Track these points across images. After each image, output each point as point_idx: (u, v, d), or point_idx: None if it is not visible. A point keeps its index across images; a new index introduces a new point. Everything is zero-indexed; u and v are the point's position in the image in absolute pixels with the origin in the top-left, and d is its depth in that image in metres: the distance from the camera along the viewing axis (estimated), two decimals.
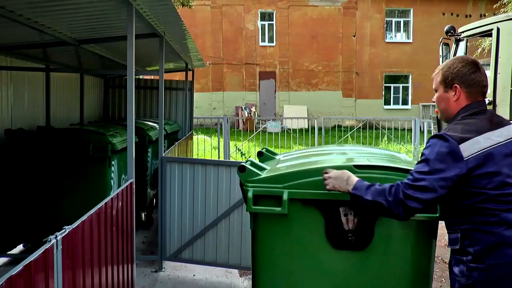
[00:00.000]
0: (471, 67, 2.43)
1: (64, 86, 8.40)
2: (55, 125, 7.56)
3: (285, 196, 2.85)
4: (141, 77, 11.10)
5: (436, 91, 2.56)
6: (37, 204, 5.84)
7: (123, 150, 6.00)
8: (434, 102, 2.62)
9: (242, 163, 3.07)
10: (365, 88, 28.22)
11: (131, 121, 4.13)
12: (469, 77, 2.42)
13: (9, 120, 6.34)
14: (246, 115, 25.61)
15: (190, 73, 10.73)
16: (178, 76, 12.90)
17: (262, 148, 3.81)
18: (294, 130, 15.94)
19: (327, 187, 2.66)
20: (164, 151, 6.04)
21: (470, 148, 2.26)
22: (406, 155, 3.74)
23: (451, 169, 2.26)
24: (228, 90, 27.98)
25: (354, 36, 28.08)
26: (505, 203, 2.24)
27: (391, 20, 28.57)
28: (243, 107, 26.40)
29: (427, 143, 2.41)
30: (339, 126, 18.37)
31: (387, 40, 28.57)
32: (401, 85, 28.36)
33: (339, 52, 28.09)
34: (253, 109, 26.80)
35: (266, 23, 28.19)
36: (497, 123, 2.40)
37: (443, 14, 27.62)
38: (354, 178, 2.57)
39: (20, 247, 6.57)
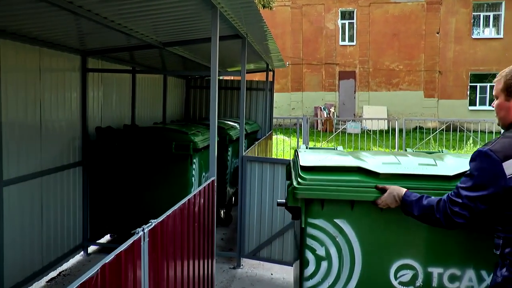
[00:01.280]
0: None
1: (148, 86, 8.75)
2: (139, 124, 7.91)
3: None
4: (221, 77, 11.34)
5: (496, 98, 2.49)
6: (123, 197, 6.16)
7: (204, 149, 6.17)
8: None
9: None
10: (449, 88, 26.89)
11: (214, 121, 4.24)
12: None
13: (99, 119, 6.71)
14: (325, 116, 25.40)
15: (270, 73, 10.82)
16: (258, 77, 13.03)
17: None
18: (374, 131, 15.65)
19: (380, 206, 2.89)
20: (244, 151, 6.14)
21: None
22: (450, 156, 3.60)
23: (491, 187, 2.26)
24: (307, 90, 27.88)
25: (437, 33, 26.83)
26: None
27: (479, 15, 26.81)
28: (322, 108, 26.21)
29: (472, 156, 2.39)
30: (421, 128, 17.80)
31: (473, 36, 26.82)
32: (488, 85, 26.62)
33: (421, 50, 26.97)
34: (332, 110, 26.54)
35: (346, 22, 27.78)
36: None
37: None
38: (401, 192, 2.73)
39: (107, 237, 6.96)
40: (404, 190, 2.76)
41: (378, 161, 3.33)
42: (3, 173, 4.65)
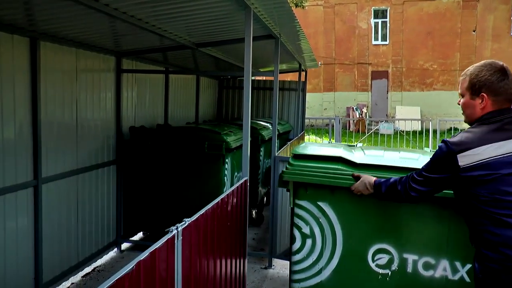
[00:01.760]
0: (500, 75, 2.45)
1: (181, 87, 8.84)
2: (172, 124, 8.00)
3: None
4: (253, 78, 11.38)
5: (462, 96, 2.62)
6: (156, 196, 6.24)
7: (237, 149, 6.20)
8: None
9: None
10: None
11: (247, 121, 4.25)
12: (497, 86, 2.45)
13: (133, 118, 6.82)
14: (357, 116, 25.18)
15: (302, 73, 10.79)
16: (290, 77, 13.02)
17: None
18: (407, 132, 15.41)
19: (354, 192, 3.25)
20: (276, 151, 6.14)
21: (468, 159, 2.39)
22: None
23: (441, 173, 2.53)
24: (340, 91, 27.70)
25: (474, 31, 26.10)
26: (502, 208, 2.32)
27: None
28: (354, 108, 26.00)
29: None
30: (456, 129, 17.44)
31: None
32: None
33: (457, 49, 26.32)
34: (364, 110, 26.29)
35: (379, 20, 27.45)
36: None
37: None
38: (371, 180, 3.08)
39: (140, 235, 7.08)
40: (374, 178, 3.09)
41: (364, 154, 3.69)
42: (42, 171, 4.79)
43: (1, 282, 4.37)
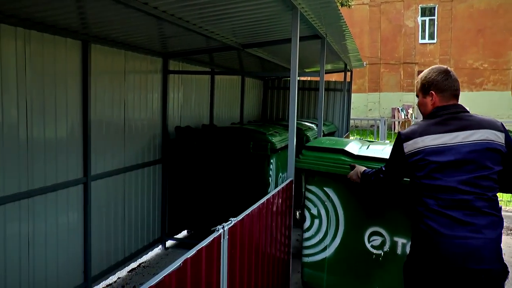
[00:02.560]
0: (444, 75, 2.84)
1: (226, 87, 8.92)
2: (217, 124, 8.08)
3: None
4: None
5: (417, 96, 2.98)
6: (200, 195, 6.32)
7: (282, 149, 6.20)
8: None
9: None
10: None
11: (293, 122, 4.26)
12: (442, 84, 2.82)
13: (179, 119, 6.93)
14: (403, 117, 24.71)
15: (348, 73, 10.70)
16: (335, 77, 12.92)
17: None
18: None
19: (350, 179, 3.71)
20: None
21: (410, 146, 2.78)
22: None
23: (393, 158, 3.00)
24: (385, 91, 27.24)
25: None
26: (427, 190, 2.68)
27: None
28: (399, 109, 25.50)
29: None
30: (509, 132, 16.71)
31: None
32: None
33: (510, 47, 25.17)
34: (410, 111, 25.75)
35: (426, 18, 26.78)
36: (454, 125, 2.71)
37: None
38: (361, 170, 3.57)
39: (184, 233, 7.18)
40: (364, 168, 3.58)
41: (366, 147, 4.25)
42: (91, 169, 4.95)
43: (53, 274, 4.55)
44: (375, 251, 3.96)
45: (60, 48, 4.46)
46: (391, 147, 4.24)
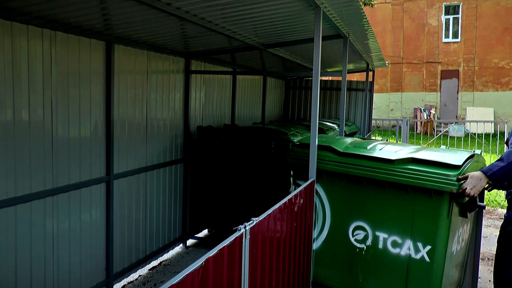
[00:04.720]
0: None
1: (248, 87, 8.94)
2: (239, 124, 8.10)
3: None
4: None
5: None
6: (221, 194, 6.34)
7: None
8: None
9: None
10: None
11: (315, 121, 4.25)
12: None
13: (201, 118, 6.97)
14: (425, 118, 24.40)
15: (370, 73, 10.62)
16: (357, 77, 12.84)
17: None
18: (479, 135, 14.79)
19: (470, 194, 3.38)
20: None
21: None
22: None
23: None
24: (407, 91, 26.93)
25: None
26: None
27: None
28: (422, 109, 25.21)
29: None
30: None
31: None
32: None
33: None
34: (432, 111, 25.43)
35: (450, 17, 26.30)
36: None
37: None
38: (480, 173, 3.38)
39: (205, 232, 7.22)
40: (479, 172, 3.40)
41: (355, 145, 4.35)
42: (114, 167, 5.01)
43: (77, 270, 4.62)
44: (358, 245, 4.14)
45: (85, 49, 4.52)
46: (387, 146, 4.43)
